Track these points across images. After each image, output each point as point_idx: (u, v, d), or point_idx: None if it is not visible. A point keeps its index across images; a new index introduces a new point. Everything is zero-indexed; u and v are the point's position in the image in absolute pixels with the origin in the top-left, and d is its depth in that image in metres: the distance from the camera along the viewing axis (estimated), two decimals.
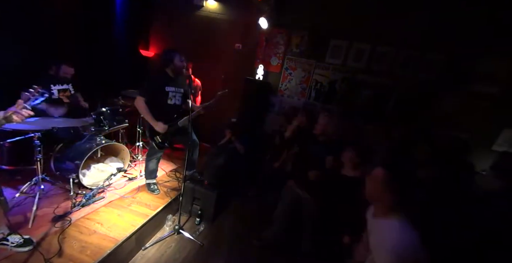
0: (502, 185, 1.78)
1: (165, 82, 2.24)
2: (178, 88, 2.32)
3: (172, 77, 2.27)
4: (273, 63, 3.79)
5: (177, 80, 2.31)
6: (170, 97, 2.29)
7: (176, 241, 2.22)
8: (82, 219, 2.01)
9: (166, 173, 3.02)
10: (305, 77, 3.67)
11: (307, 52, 3.56)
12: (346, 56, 3.39)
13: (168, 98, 2.28)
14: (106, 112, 2.63)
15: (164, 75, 2.25)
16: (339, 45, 3.40)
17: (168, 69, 2.24)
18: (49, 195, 2.24)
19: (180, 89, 2.33)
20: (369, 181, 1.15)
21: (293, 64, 3.69)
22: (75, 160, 2.28)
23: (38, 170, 2.07)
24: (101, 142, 2.50)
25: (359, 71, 3.37)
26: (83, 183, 2.31)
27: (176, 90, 2.31)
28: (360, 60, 3.35)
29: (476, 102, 2.95)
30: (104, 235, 1.88)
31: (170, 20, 4.13)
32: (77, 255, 1.67)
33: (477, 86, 2.93)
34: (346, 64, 3.42)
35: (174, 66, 2.22)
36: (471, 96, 2.96)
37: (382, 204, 1.10)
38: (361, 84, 3.39)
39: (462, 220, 1.75)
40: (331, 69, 3.51)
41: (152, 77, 2.23)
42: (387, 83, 3.27)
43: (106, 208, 2.21)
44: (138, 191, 2.54)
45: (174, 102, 2.33)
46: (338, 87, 3.53)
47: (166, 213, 2.41)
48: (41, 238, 1.74)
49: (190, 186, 2.52)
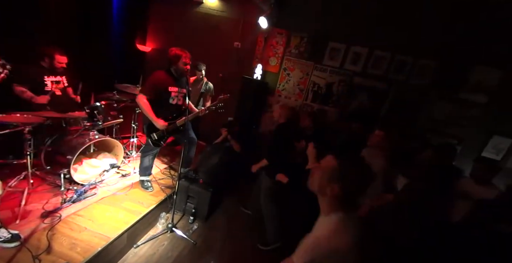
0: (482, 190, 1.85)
1: (169, 82, 2.22)
2: (181, 89, 2.31)
3: (176, 77, 2.25)
4: (271, 63, 3.79)
5: (181, 80, 2.30)
6: (172, 97, 2.28)
7: (169, 239, 2.20)
8: (73, 216, 1.96)
9: (161, 171, 2.98)
10: (303, 78, 3.68)
11: (305, 53, 3.58)
12: (344, 59, 3.43)
13: (170, 97, 2.27)
14: (100, 106, 2.57)
15: (168, 75, 2.23)
16: (337, 48, 3.44)
17: (173, 69, 2.23)
18: (38, 190, 2.18)
19: (182, 90, 2.32)
20: (315, 170, 0.98)
21: (292, 65, 3.70)
22: (67, 155, 2.22)
23: (28, 164, 2.01)
24: (94, 137, 2.45)
25: (356, 74, 3.41)
26: (74, 178, 2.26)
27: (179, 91, 2.30)
28: (356, 64, 3.39)
29: (467, 109, 3.03)
30: (95, 232, 1.84)
31: (169, 15, 4.08)
32: (66, 252, 1.63)
33: (466, 94, 3.01)
34: (343, 67, 3.46)
35: (177, 68, 2.20)
36: (462, 103, 3.05)
37: (326, 197, 0.92)
38: (357, 87, 3.44)
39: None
40: (328, 72, 3.54)
41: (156, 76, 2.20)
42: (382, 87, 3.32)
43: (97, 204, 2.17)
44: (131, 188, 2.50)
45: (176, 102, 2.33)
46: (335, 89, 3.57)
47: (159, 211, 2.38)
48: (29, 234, 1.70)
49: (184, 184, 2.50)
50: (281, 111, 2.33)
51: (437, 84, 3.09)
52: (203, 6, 3.92)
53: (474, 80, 2.96)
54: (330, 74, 3.54)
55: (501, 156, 2.94)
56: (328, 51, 3.47)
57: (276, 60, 3.76)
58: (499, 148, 2.94)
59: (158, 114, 2.20)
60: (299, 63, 3.66)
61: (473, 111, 3.02)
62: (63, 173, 2.13)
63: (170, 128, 2.30)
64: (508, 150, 2.91)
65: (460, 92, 3.03)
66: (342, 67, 3.47)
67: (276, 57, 3.75)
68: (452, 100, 3.08)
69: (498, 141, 2.93)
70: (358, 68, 3.40)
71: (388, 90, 3.32)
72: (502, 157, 2.94)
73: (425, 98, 3.17)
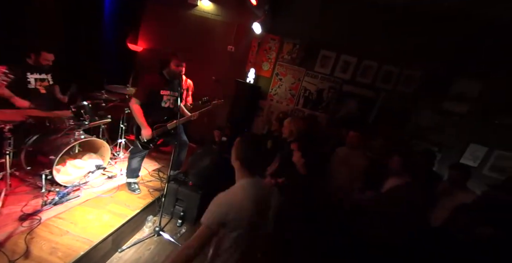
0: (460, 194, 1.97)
1: (161, 85, 2.20)
2: (173, 92, 2.29)
3: (168, 79, 2.23)
4: (264, 68, 3.85)
5: (173, 83, 2.28)
6: (164, 100, 2.26)
7: (156, 243, 2.14)
8: (54, 219, 1.87)
9: (149, 173, 2.92)
10: (294, 83, 3.76)
11: (297, 60, 3.66)
12: (334, 67, 3.55)
13: (162, 101, 2.24)
14: (87, 105, 2.49)
15: (160, 78, 2.20)
16: (328, 56, 3.55)
17: (165, 72, 2.20)
18: (17, 191, 2.07)
19: (175, 93, 2.30)
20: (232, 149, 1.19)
21: (284, 70, 3.78)
22: (50, 155, 2.13)
23: (6, 164, 1.92)
24: (80, 137, 2.37)
25: (345, 82, 3.54)
26: (56, 180, 2.16)
27: (171, 94, 2.28)
28: (346, 72, 3.52)
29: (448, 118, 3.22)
30: (77, 236, 1.77)
31: (163, 16, 4.05)
32: (46, 256, 1.56)
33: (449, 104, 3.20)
34: (333, 74, 3.57)
35: (169, 70, 2.18)
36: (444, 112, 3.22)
37: (236, 167, 1.15)
38: (347, 94, 3.56)
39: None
40: (319, 78, 3.65)
41: (147, 80, 2.17)
42: (370, 95, 3.46)
43: (81, 207, 2.08)
44: (117, 190, 2.43)
45: (168, 105, 2.30)
46: (325, 95, 3.67)
47: (146, 214, 2.32)
48: (6, 237, 1.60)
49: (173, 186, 2.46)
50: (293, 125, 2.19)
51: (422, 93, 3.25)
52: (198, 9, 3.94)
53: (456, 91, 3.15)
54: (321, 81, 3.65)
55: (478, 163, 3.13)
56: (320, 59, 3.58)
57: (269, 65, 3.82)
58: (476, 156, 3.13)
59: (149, 117, 2.18)
60: (291, 69, 3.74)
61: (453, 120, 3.20)
62: (45, 174, 2.04)
63: (160, 131, 2.28)
64: (484, 157, 3.10)
65: (443, 101, 3.21)
66: (332, 75, 3.58)
67: (269, 62, 3.81)
68: (435, 109, 3.25)
69: (475, 149, 3.12)
70: (347, 76, 3.52)
71: (376, 98, 3.46)
72: (478, 164, 3.12)
73: (410, 106, 3.33)
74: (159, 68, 2.21)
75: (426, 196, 1.94)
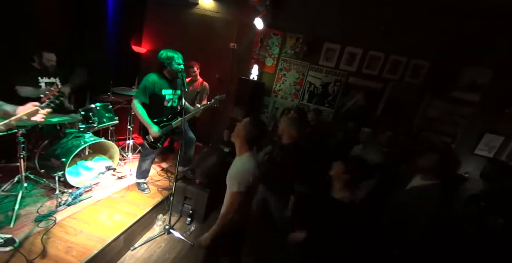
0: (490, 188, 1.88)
1: (162, 85, 2.20)
2: (175, 91, 2.29)
3: (169, 79, 2.24)
4: (267, 64, 3.80)
5: (175, 82, 2.28)
6: (167, 100, 2.26)
7: (166, 241, 2.19)
8: (68, 219, 1.94)
9: (157, 172, 2.96)
10: (299, 78, 3.71)
11: (301, 54, 3.60)
12: (339, 59, 3.46)
13: (165, 100, 2.25)
14: (95, 108, 2.55)
15: (161, 78, 2.20)
16: (332, 49, 3.47)
17: (166, 71, 2.20)
18: (32, 193, 2.14)
19: (177, 92, 2.30)
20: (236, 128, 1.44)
21: (288, 65, 3.72)
22: (62, 157, 2.19)
23: (21, 167, 1.98)
24: (89, 139, 2.42)
25: (351, 74, 3.45)
26: (69, 181, 2.23)
27: (173, 93, 2.28)
28: (351, 64, 3.43)
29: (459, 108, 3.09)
30: (91, 235, 1.82)
31: (165, 16, 4.06)
32: (62, 255, 1.61)
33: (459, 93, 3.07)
34: (338, 67, 3.49)
35: (170, 69, 2.17)
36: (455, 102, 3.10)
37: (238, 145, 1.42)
38: (353, 87, 3.47)
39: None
40: (324, 72, 3.57)
41: (149, 80, 2.16)
42: (377, 87, 3.36)
43: (93, 207, 2.14)
44: (128, 190, 2.48)
45: (171, 105, 2.31)
46: (331, 89, 3.59)
47: (156, 212, 2.36)
48: (24, 238, 1.67)
49: (181, 185, 2.49)
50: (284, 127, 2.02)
51: (431, 83, 3.13)
52: (199, 7, 3.92)
53: (466, 79, 3.02)
54: (326, 75, 3.57)
55: (493, 153, 3.00)
56: (324, 52, 3.50)
57: (272, 60, 3.77)
58: (491, 146, 3.00)
59: (153, 117, 2.19)
60: (295, 63, 3.68)
61: (466, 109, 3.07)
62: (58, 176, 2.11)
63: (165, 130, 2.29)
64: (500, 147, 2.97)
65: (453, 91, 3.09)
66: (337, 68, 3.50)
67: (272, 58, 3.76)
68: (445, 99, 3.13)
69: (490, 139, 2.99)
70: (353, 68, 3.43)
71: (383, 90, 3.36)
72: (494, 154, 2.99)
73: (419, 97, 3.21)
74: (160, 67, 2.20)
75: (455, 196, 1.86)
